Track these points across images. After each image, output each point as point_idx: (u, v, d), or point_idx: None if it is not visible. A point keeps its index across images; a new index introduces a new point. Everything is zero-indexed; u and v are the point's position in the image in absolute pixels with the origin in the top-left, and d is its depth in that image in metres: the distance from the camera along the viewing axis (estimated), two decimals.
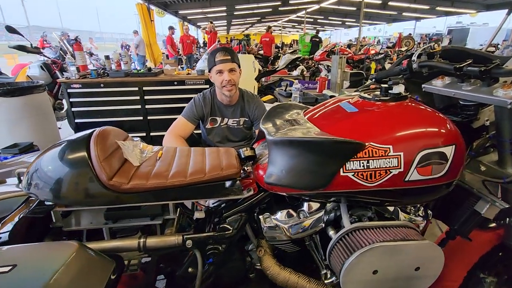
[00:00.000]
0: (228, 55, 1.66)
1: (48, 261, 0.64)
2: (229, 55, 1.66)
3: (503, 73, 0.89)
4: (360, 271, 0.77)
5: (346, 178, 0.82)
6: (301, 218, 0.94)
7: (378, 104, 0.94)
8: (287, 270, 0.98)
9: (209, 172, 0.89)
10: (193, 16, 17.46)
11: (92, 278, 0.68)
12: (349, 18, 21.05)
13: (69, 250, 0.67)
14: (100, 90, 3.20)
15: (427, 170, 0.81)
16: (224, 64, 1.65)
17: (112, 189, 0.81)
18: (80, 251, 0.68)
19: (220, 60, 1.64)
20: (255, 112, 1.82)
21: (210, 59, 1.70)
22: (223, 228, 0.94)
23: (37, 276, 0.59)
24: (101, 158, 0.80)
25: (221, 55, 1.65)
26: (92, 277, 0.68)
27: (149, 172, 0.87)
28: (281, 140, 0.87)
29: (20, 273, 0.60)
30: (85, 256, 0.69)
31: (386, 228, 0.84)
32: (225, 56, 1.64)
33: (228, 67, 1.65)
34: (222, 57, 1.64)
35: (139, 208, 0.93)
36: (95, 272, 0.69)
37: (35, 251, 0.67)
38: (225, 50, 1.68)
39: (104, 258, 0.74)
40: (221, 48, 1.71)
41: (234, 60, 1.68)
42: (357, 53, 7.49)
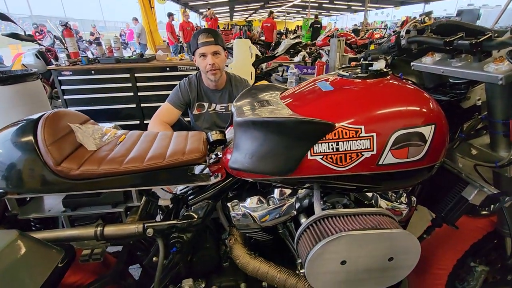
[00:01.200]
0: (211, 37, 1.56)
1: None
2: (212, 37, 1.56)
3: (495, 46, 0.79)
4: (326, 261, 0.71)
5: (315, 162, 0.75)
6: (270, 205, 0.88)
7: (356, 82, 0.86)
8: (258, 260, 0.93)
9: (169, 157, 0.83)
10: (195, 3, 17.12)
11: (34, 267, 0.63)
12: (355, 1, 20.37)
13: (6, 239, 0.62)
14: (91, 77, 3.14)
15: (403, 153, 0.73)
16: (207, 47, 1.56)
17: (61, 176, 0.75)
18: (20, 239, 0.64)
19: (202, 43, 1.56)
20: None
21: (193, 41, 1.62)
22: (188, 216, 0.89)
23: None
24: (47, 142, 0.75)
25: (203, 37, 1.56)
26: (33, 267, 0.63)
27: (104, 158, 0.82)
28: (245, 121, 0.79)
29: None
30: (26, 245, 0.64)
31: (359, 215, 0.78)
32: (207, 38, 1.55)
33: (211, 49, 1.57)
34: (204, 39, 1.55)
35: (99, 195, 0.88)
36: (38, 262, 0.65)
37: None
38: (208, 32, 1.59)
39: (50, 247, 0.69)
40: (204, 30, 1.62)
41: (217, 43, 1.58)
42: (362, 38, 7.25)
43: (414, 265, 0.76)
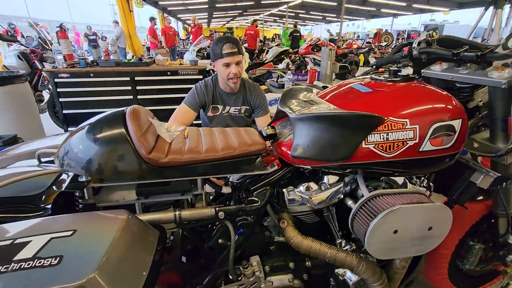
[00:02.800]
0: (235, 47, 1.63)
1: (103, 228, 0.67)
2: (236, 48, 1.63)
3: (498, 57, 1.00)
4: (383, 231, 0.86)
5: (368, 150, 0.90)
6: (323, 189, 1.02)
7: (389, 85, 1.03)
8: (309, 239, 1.06)
9: (238, 147, 0.94)
10: (174, 8, 17.03)
11: (143, 246, 0.71)
12: (330, 13, 21.40)
13: (121, 218, 0.70)
14: (90, 80, 3.11)
15: (438, 141, 0.91)
16: (232, 57, 1.63)
17: (150, 163, 0.84)
18: (130, 219, 0.71)
19: (227, 53, 1.62)
20: (256, 100, 1.86)
21: (215, 49, 1.67)
22: (251, 200, 1.00)
23: (97, 242, 0.62)
24: (139, 133, 0.83)
25: (228, 48, 1.61)
26: (142, 245, 0.71)
27: (182, 148, 0.91)
28: (307, 116, 0.93)
29: (81, 238, 0.63)
30: (135, 224, 0.72)
31: (402, 194, 0.94)
32: (232, 48, 1.62)
33: (235, 60, 1.65)
34: (229, 49, 1.61)
35: (169, 184, 0.97)
36: (144, 241, 0.73)
37: (90, 218, 0.70)
38: (232, 42, 1.64)
39: (150, 227, 0.77)
40: (227, 39, 1.67)
41: (240, 52, 1.67)
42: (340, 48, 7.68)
43: (445, 234, 0.94)
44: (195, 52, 5.01)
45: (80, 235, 0.63)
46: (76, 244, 0.61)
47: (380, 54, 7.38)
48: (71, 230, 0.63)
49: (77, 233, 0.63)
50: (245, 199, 1.02)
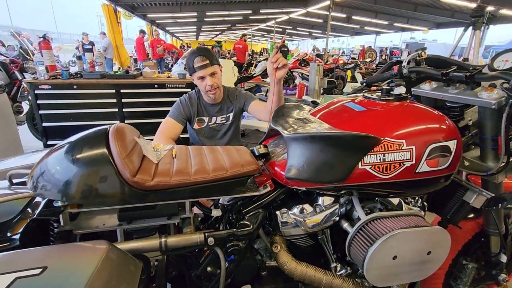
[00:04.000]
0: (206, 59, 1.59)
1: (79, 263, 0.59)
2: (207, 59, 1.59)
3: (486, 78, 1.01)
4: (383, 257, 0.82)
5: (364, 171, 0.87)
6: (317, 212, 0.98)
7: (383, 104, 1.02)
8: (303, 264, 1.01)
9: (230, 168, 0.89)
10: (162, 21, 17.10)
11: (124, 279, 0.64)
12: (316, 29, 22.10)
13: (99, 251, 0.63)
14: (73, 92, 3.00)
15: (434, 162, 0.89)
16: (204, 70, 1.60)
17: (135, 187, 0.77)
18: (110, 251, 0.64)
19: (199, 67, 1.59)
20: (239, 98, 1.83)
21: (189, 64, 1.64)
22: (243, 224, 0.94)
23: (72, 279, 0.55)
24: (123, 154, 0.77)
25: (199, 61, 1.58)
26: (124, 279, 0.64)
27: (170, 169, 0.85)
28: (302, 136, 0.90)
29: (52, 276, 0.55)
30: (116, 257, 0.65)
31: (399, 217, 0.91)
32: (203, 61, 1.58)
33: (208, 72, 1.61)
34: (200, 62, 1.58)
35: (155, 208, 0.90)
36: (127, 273, 0.66)
37: (63, 252, 0.62)
38: (203, 54, 1.60)
39: (132, 258, 0.70)
40: (198, 51, 1.64)
41: (213, 63, 1.63)
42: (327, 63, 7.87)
43: (445, 258, 0.91)
44: (183, 64, 4.97)
45: (51, 273, 0.55)
46: (45, 284, 0.53)
47: (365, 69, 7.59)
48: (41, 267, 0.55)
49: (47, 270, 0.55)
50: (236, 222, 0.96)
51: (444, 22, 14.26)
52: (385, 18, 14.92)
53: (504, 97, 0.92)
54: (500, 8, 9.20)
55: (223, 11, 13.82)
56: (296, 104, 1.29)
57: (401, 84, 1.09)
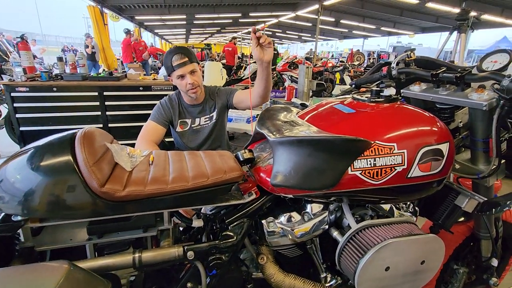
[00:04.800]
0: (185, 56, 1.54)
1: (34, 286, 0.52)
2: (186, 57, 1.54)
3: (476, 79, 0.98)
4: (374, 269, 0.77)
5: (354, 177, 0.82)
6: (306, 220, 0.92)
7: (373, 106, 0.97)
8: (291, 276, 0.95)
9: (211, 175, 0.83)
10: (151, 23, 16.89)
11: None
12: (305, 33, 22.30)
13: (59, 272, 0.55)
14: (53, 94, 2.87)
15: (427, 167, 0.85)
16: (183, 68, 1.54)
17: (104, 198, 0.70)
18: (71, 272, 0.57)
19: (178, 65, 1.53)
20: (220, 94, 1.76)
21: (167, 63, 1.58)
22: (226, 235, 0.88)
23: None
24: (90, 162, 0.69)
25: (178, 59, 1.53)
26: None
27: (145, 178, 0.78)
28: (289, 140, 0.84)
29: None
30: (78, 278, 0.57)
31: (391, 224, 0.86)
32: (182, 59, 1.53)
33: (188, 69, 1.55)
34: (179, 60, 1.53)
35: (129, 219, 0.82)
36: None
37: (17, 275, 0.54)
38: (181, 52, 1.55)
39: (99, 279, 0.62)
40: (176, 50, 1.58)
41: (192, 60, 1.57)
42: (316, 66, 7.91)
43: (439, 266, 0.86)
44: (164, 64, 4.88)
45: None
46: None
47: (354, 72, 7.66)
48: None
49: None
50: (219, 233, 0.89)
51: (429, 26, 14.64)
52: (372, 22, 15.19)
53: (495, 98, 0.89)
54: (481, 13, 9.50)
55: (212, 14, 13.76)
56: (283, 106, 1.24)
57: (391, 85, 1.05)
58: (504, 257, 1.50)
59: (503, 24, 11.23)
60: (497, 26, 12.03)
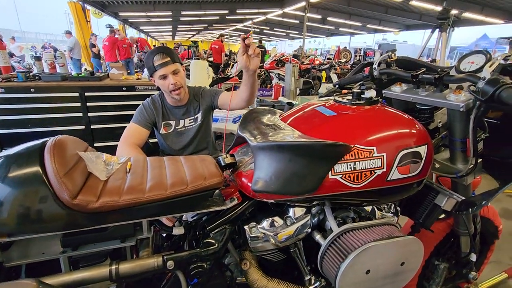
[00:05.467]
0: (167, 56, 1.51)
1: None
2: (168, 57, 1.51)
3: (454, 80, 1.00)
4: (355, 273, 0.77)
5: (335, 181, 0.82)
6: (288, 224, 0.92)
7: (354, 108, 0.98)
8: (275, 281, 0.94)
9: (191, 182, 0.81)
10: (136, 20, 16.53)
11: None
12: (293, 30, 22.34)
13: None
14: (30, 95, 2.75)
15: (406, 169, 0.86)
16: (166, 68, 1.51)
17: (76, 210, 0.67)
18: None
19: (159, 64, 1.50)
20: (204, 95, 1.73)
21: (148, 63, 1.54)
22: (208, 243, 0.86)
23: None
24: (61, 173, 0.66)
25: (159, 58, 1.49)
26: None
27: (120, 187, 0.75)
28: (269, 145, 0.83)
29: None
30: None
31: (372, 227, 0.87)
32: (164, 58, 1.50)
33: (170, 69, 1.52)
34: (161, 60, 1.49)
35: (106, 230, 0.80)
36: None
37: None
38: (162, 52, 1.52)
39: None
40: (158, 49, 1.55)
41: (174, 60, 1.54)
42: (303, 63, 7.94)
43: (418, 267, 0.88)
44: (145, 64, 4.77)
45: None
46: None
47: (341, 70, 7.73)
48: None
49: None
50: (200, 240, 0.88)
51: (413, 24, 14.94)
52: (358, 19, 15.38)
53: (472, 99, 0.90)
54: (463, 11, 9.75)
55: (199, 10, 13.59)
56: (266, 108, 1.23)
57: (371, 87, 1.06)
58: (482, 251, 1.55)
59: (483, 22, 11.58)
60: (478, 24, 12.40)
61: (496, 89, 0.81)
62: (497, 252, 1.62)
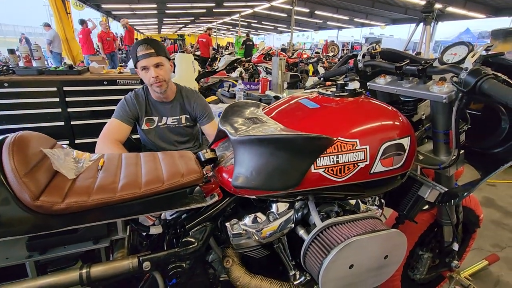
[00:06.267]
0: (151, 48, 1.45)
1: None
2: (152, 48, 1.45)
3: (437, 72, 0.99)
4: (338, 268, 0.76)
5: (317, 175, 0.80)
6: (271, 220, 0.89)
7: (337, 100, 0.95)
8: (258, 278, 0.92)
9: (167, 180, 0.77)
10: (119, 12, 16.01)
11: None
12: (281, 24, 22.21)
13: None
14: (4, 90, 2.61)
15: (389, 162, 0.84)
16: (148, 59, 1.45)
17: (40, 212, 0.62)
18: None
19: (142, 55, 1.44)
20: (196, 109, 1.69)
21: (132, 54, 1.50)
22: (187, 242, 0.83)
23: None
24: (21, 172, 0.61)
25: (143, 49, 1.44)
26: None
27: (90, 186, 0.70)
28: (249, 139, 0.80)
29: None
30: None
31: (355, 221, 0.85)
32: (147, 49, 1.44)
33: (152, 62, 1.46)
34: (144, 51, 1.44)
35: (76, 231, 0.75)
36: None
37: None
38: (147, 43, 1.47)
39: None
40: (143, 41, 1.50)
41: (159, 53, 1.48)
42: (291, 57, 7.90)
43: (401, 260, 0.87)
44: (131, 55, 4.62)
45: None
46: None
47: (328, 63, 7.74)
48: None
49: None
50: (179, 239, 0.84)
51: (399, 18, 15.10)
52: (345, 13, 15.40)
53: (454, 91, 0.90)
54: (446, 5, 9.91)
55: (185, 3, 13.28)
56: (249, 102, 1.19)
57: (355, 78, 1.04)
58: (464, 239, 1.59)
59: (466, 16, 11.81)
60: (461, 18, 12.64)
61: (478, 80, 0.80)
62: (478, 239, 1.66)
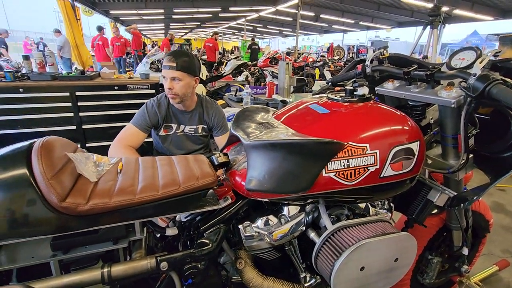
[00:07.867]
0: (174, 61, 1.50)
1: None
2: (175, 62, 1.50)
3: (445, 77, 1.01)
4: (350, 270, 0.77)
5: (328, 179, 0.82)
6: (283, 223, 0.91)
7: (346, 105, 0.98)
8: (270, 279, 0.94)
9: (183, 183, 0.80)
10: (127, 18, 16.31)
11: None
12: (286, 27, 22.32)
13: None
14: (19, 95, 2.69)
15: (399, 166, 0.86)
16: (167, 71, 1.52)
17: (65, 213, 0.65)
18: None
19: (164, 66, 1.53)
20: (214, 120, 1.74)
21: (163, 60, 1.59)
22: (202, 243, 0.85)
23: None
24: (48, 175, 0.64)
25: (167, 60, 1.52)
26: None
27: (111, 189, 0.74)
28: (262, 143, 0.83)
29: None
30: None
31: (366, 224, 0.87)
32: (170, 62, 1.50)
33: (170, 74, 1.52)
34: (167, 62, 1.51)
35: (97, 232, 0.78)
36: None
37: None
38: (173, 55, 1.53)
39: None
40: (172, 52, 1.58)
41: (179, 68, 1.51)
42: (297, 61, 7.93)
43: (412, 263, 0.89)
44: (148, 64, 4.71)
45: None
46: None
47: (334, 67, 7.75)
48: None
49: None
50: (194, 241, 0.87)
51: (405, 21, 15.05)
52: (351, 17, 15.42)
53: (463, 95, 0.91)
54: (453, 8, 9.85)
55: (191, 8, 13.45)
56: (259, 106, 1.22)
57: (364, 84, 1.06)
58: (474, 244, 1.58)
59: (473, 19, 11.73)
60: (468, 21, 12.55)
61: (486, 85, 0.82)
62: (488, 244, 1.65)
